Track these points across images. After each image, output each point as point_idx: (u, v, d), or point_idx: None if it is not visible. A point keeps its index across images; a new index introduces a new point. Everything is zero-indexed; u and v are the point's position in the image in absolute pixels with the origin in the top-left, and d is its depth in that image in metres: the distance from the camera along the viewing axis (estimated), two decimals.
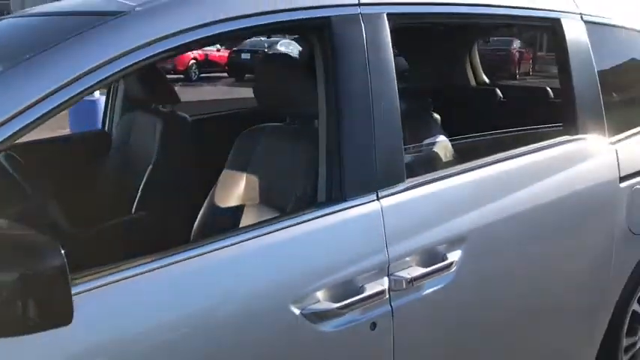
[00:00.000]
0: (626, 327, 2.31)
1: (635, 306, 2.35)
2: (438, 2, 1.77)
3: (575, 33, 2.13)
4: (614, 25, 2.38)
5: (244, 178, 1.88)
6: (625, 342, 2.34)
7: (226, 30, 1.34)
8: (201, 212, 1.93)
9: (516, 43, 17.43)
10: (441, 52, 3.01)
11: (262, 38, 24.71)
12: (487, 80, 3.58)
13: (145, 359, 1.16)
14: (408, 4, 1.69)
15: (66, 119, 9.79)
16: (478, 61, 3.53)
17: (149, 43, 1.25)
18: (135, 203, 2.30)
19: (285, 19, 1.43)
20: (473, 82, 3.48)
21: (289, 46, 22.86)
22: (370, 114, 1.52)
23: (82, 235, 2.12)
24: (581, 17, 2.18)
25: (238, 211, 1.86)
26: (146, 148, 2.41)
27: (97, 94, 9.13)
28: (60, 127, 11.02)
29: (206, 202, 1.94)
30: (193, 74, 20.60)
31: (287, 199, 1.69)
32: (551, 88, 3.00)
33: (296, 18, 1.45)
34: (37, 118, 1.11)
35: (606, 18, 2.33)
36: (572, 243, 2.01)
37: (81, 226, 2.13)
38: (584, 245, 2.05)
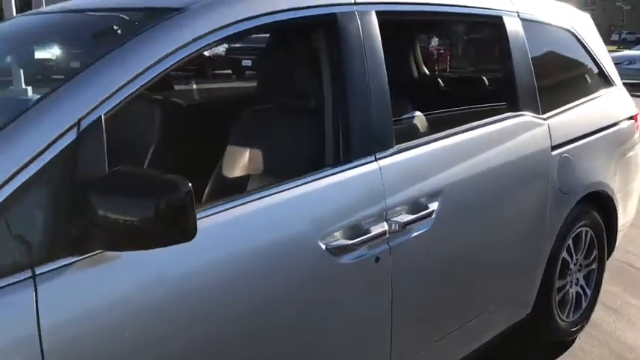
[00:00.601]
0: (557, 272, 2.81)
1: (564, 254, 2.86)
2: (411, 2, 2.18)
3: (513, 28, 2.59)
4: (542, 22, 2.87)
5: (248, 151, 2.19)
6: (557, 284, 2.84)
7: (263, 23, 1.68)
8: (209, 184, 2.23)
9: (434, 42, 18.36)
10: (394, 46, 3.44)
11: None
12: (427, 72, 4.06)
13: (238, 273, 1.51)
14: (390, 3, 2.08)
15: None
16: (420, 55, 4.00)
17: (205, 35, 1.57)
18: None
19: (312, 15, 1.79)
20: (416, 74, 3.95)
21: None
22: (367, 92, 1.90)
23: None
24: (518, 15, 2.65)
25: (243, 179, 2.18)
26: (145, 135, 2.65)
27: None
28: None
29: (213, 175, 2.23)
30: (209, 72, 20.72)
31: (289, 167, 2.02)
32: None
33: (314, 14, 1.80)
34: (127, 96, 1.40)
35: (536, 16, 2.81)
36: (517, 198, 2.47)
37: None
38: (526, 201, 2.52)
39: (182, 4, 1.61)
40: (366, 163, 1.87)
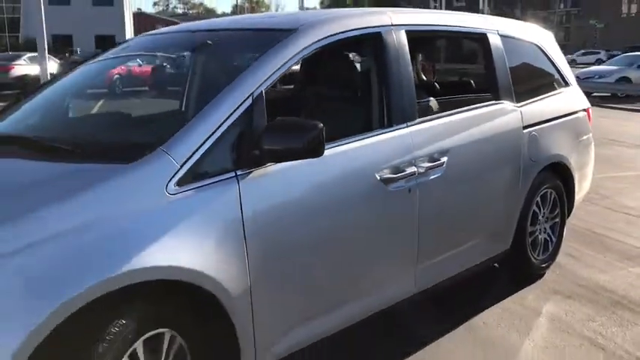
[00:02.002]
0: (529, 218, 3.83)
1: (534, 208, 3.88)
2: (424, 24, 3.22)
3: (494, 42, 3.65)
4: (515, 37, 3.92)
5: (337, 118, 3.00)
6: (529, 229, 3.86)
7: (341, 38, 2.70)
8: None
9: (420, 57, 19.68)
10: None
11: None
12: (425, 79, 5.11)
13: (336, 180, 2.49)
14: (413, 24, 3.11)
15: None
16: (418, 66, 5.05)
17: (308, 46, 2.57)
18: None
19: (368, 32, 2.81)
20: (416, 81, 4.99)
21: (153, 61, 23.93)
22: (401, 82, 2.91)
23: None
24: (498, 33, 3.70)
25: (337, 133, 2.99)
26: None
27: None
28: None
29: None
30: (117, 88, 21.12)
31: (360, 128, 2.88)
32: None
33: (371, 32, 2.83)
34: (272, 81, 2.40)
35: (511, 33, 3.87)
36: (499, 160, 3.49)
37: None
38: (506, 162, 3.54)
39: (294, 26, 2.63)
40: (401, 128, 2.88)
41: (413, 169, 2.85)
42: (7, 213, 1.82)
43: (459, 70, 4.10)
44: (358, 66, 3.05)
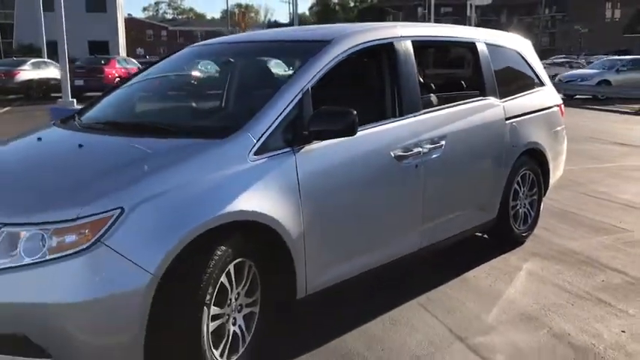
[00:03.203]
0: (512, 194, 4.63)
1: (515, 186, 4.69)
2: (425, 35, 4.03)
3: (482, 49, 4.46)
4: (499, 45, 4.74)
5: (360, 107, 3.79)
6: (512, 204, 4.67)
7: (364, 47, 3.48)
8: None
9: None
10: None
11: None
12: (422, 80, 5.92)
13: (361, 156, 3.26)
14: (417, 35, 3.92)
15: None
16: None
17: (341, 53, 3.36)
18: None
19: (383, 43, 3.60)
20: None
21: (207, 65, 24.67)
22: (408, 81, 3.71)
23: None
24: (485, 42, 4.52)
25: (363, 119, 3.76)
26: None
27: (75, 103, 10.70)
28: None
29: None
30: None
31: (378, 116, 3.64)
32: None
33: (385, 42, 3.62)
34: (317, 81, 3.17)
35: (496, 41, 4.69)
36: (486, 145, 4.30)
37: None
38: (491, 147, 4.34)
39: (329, 38, 3.42)
40: (409, 117, 3.67)
41: (419, 149, 3.64)
42: (149, 169, 2.59)
43: (453, 72, 4.89)
44: (376, 68, 3.83)
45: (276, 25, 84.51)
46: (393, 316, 3.52)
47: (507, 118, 4.50)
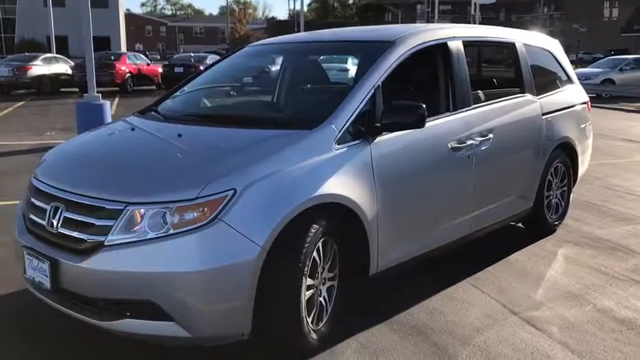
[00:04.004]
0: (546, 185, 4.97)
1: (549, 177, 5.02)
2: (474, 35, 4.35)
3: (521, 49, 4.79)
4: (534, 45, 5.07)
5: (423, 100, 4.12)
6: (546, 194, 5.00)
7: (422, 48, 3.80)
8: None
9: None
10: None
11: (191, 54, 26.57)
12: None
13: (426, 145, 3.60)
14: (467, 36, 4.24)
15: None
16: None
17: (404, 53, 3.68)
18: None
19: (439, 43, 3.92)
20: None
21: (274, 63, 25.05)
22: (461, 78, 4.03)
23: None
24: (523, 42, 4.85)
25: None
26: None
27: (101, 98, 10.97)
28: (65, 126, 12.54)
29: None
30: (129, 86, 22.08)
31: (436, 110, 3.97)
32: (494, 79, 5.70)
33: (441, 42, 3.94)
34: (385, 78, 3.49)
35: (531, 42, 5.01)
36: (526, 139, 4.62)
37: None
38: (530, 141, 4.67)
39: (392, 38, 3.74)
40: (463, 111, 3.99)
41: (471, 141, 3.96)
42: (254, 156, 2.91)
43: (496, 70, 5.21)
44: (433, 67, 4.15)
45: (275, 21, 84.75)
46: (449, 294, 3.85)
47: (543, 114, 4.82)
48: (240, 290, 2.72)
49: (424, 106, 3.35)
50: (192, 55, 25.10)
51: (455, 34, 4.15)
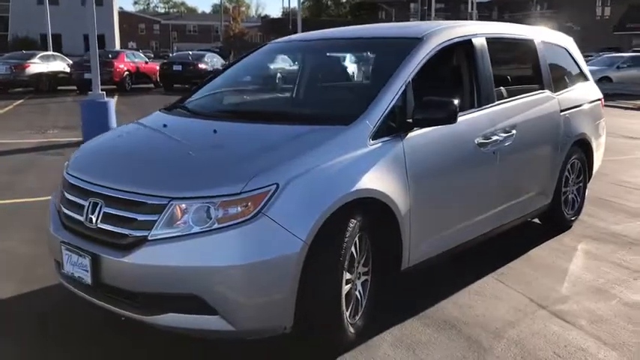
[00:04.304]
0: (563, 182, 5.01)
1: (566, 173, 5.06)
2: (496, 32, 4.39)
3: (540, 46, 4.83)
4: (551, 43, 5.11)
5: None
6: (563, 190, 5.05)
7: (447, 45, 3.83)
8: None
9: None
10: None
11: (189, 52, 26.52)
12: None
13: (456, 139, 3.64)
14: (489, 33, 4.27)
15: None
16: None
17: (432, 50, 3.71)
18: None
19: (464, 40, 3.95)
20: None
21: (213, 58, 24.94)
22: (485, 74, 4.06)
23: None
24: (541, 40, 4.89)
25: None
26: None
27: (105, 96, 10.95)
28: (67, 124, 12.54)
29: None
30: (127, 85, 22.00)
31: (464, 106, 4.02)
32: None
33: (466, 39, 3.97)
34: (415, 75, 3.52)
35: (548, 39, 5.06)
36: (546, 134, 4.67)
37: None
38: (550, 137, 4.71)
39: (420, 35, 3.77)
40: (487, 107, 4.03)
41: (496, 137, 4.00)
42: (291, 153, 2.93)
43: (516, 67, 5.24)
44: (459, 63, 4.19)
45: (270, 19, 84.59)
46: (476, 288, 3.89)
47: (562, 111, 4.87)
48: (284, 284, 2.75)
49: (456, 102, 3.38)
50: (190, 53, 25.04)
51: (478, 31, 4.18)
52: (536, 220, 5.17)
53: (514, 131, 4.18)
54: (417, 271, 3.57)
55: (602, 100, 5.77)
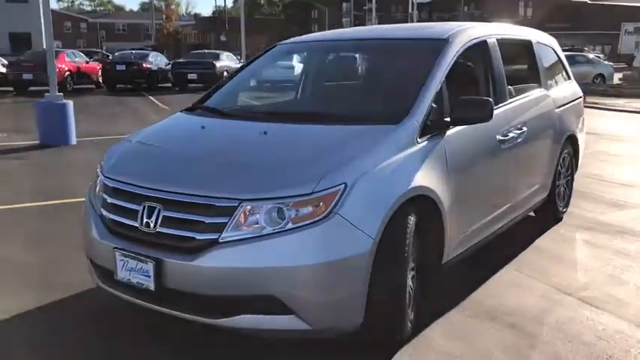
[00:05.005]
0: (557, 176, 5.27)
1: (559, 166, 5.33)
2: (504, 33, 4.57)
3: (536, 47, 5.06)
4: (543, 43, 5.36)
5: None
6: (557, 182, 5.31)
7: (469, 45, 3.97)
8: None
9: None
10: None
11: (132, 51, 25.84)
12: None
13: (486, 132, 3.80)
14: (500, 34, 4.45)
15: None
16: None
17: (458, 50, 3.84)
18: None
19: (480, 40, 4.10)
20: None
21: (157, 57, 24.43)
22: (500, 73, 4.24)
23: None
24: (537, 40, 5.12)
25: None
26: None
27: (63, 97, 10.57)
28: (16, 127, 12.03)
29: None
30: (69, 85, 21.21)
31: None
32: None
33: (480, 40, 4.13)
34: (446, 74, 3.63)
35: (541, 40, 5.31)
36: (546, 130, 4.90)
37: None
38: (549, 132, 4.95)
39: (445, 36, 3.89)
40: (503, 105, 4.20)
41: (511, 134, 4.18)
42: (352, 153, 2.97)
43: (519, 66, 5.46)
44: (477, 63, 4.34)
45: (205, 18, 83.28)
46: (500, 279, 4.07)
47: (556, 107, 5.12)
48: (357, 281, 2.80)
49: (492, 101, 3.52)
50: (133, 52, 24.42)
51: (489, 32, 4.35)
52: (532, 213, 5.40)
53: (525, 128, 4.38)
54: (452, 266, 3.69)
55: (583, 97, 6.08)
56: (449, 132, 3.51)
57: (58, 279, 4.05)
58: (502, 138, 4.05)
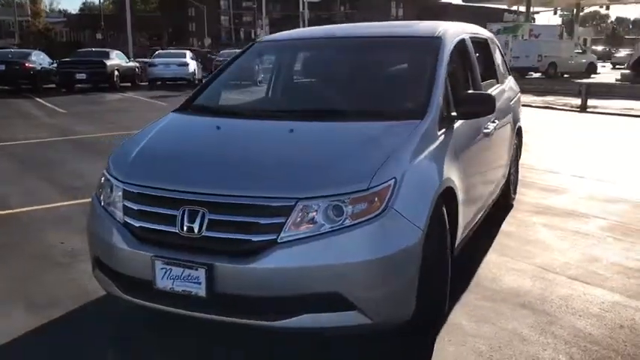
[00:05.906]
0: (512, 159, 5.64)
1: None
2: (474, 32, 4.83)
3: (492, 44, 5.39)
4: (492, 39, 5.70)
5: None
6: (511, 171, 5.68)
7: (464, 40, 4.17)
8: None
9: None
10: None
11: (10, 50, 23.94)
12: None
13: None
14: (472, 33, 4.69)
15: None
16: None
17: (451, 48, 4.00)
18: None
19: (460, 38, 4.30)
20: None
21: (40, 56, 22.87)
22: (476, 69, 4.47)
23: None
24: (492, 38, 5.45)
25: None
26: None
27: None
28: None
29: None
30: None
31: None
32: None
33: (480, 38, 4.34)
34: (446, 72, 3.79)
35: (491, 36, 5.64)
36: (506, 123, 5.22)
37: None
38: (508, 124, 5.28)
39: (439, 34, 4.04)
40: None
41: (491, 125, 4.40)
42: (392, 148, 3.02)
43: (483, 63, 5.73)
44: (463, 60, 4.53)
45: (78, 15, 78.64)
46: (490, 262, 4.30)
47: (510, 101, 5.48)
48: (410, 272, 2.86)
49: (494, 95, 3.72)
50: (11, 51, 22.63)
51: (464, 30, 4.57)
52: None
53: (497, 121, 4.65)
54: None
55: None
56: (456, 124, 3.66)
57: None
58: (486, 130, 4.28)
